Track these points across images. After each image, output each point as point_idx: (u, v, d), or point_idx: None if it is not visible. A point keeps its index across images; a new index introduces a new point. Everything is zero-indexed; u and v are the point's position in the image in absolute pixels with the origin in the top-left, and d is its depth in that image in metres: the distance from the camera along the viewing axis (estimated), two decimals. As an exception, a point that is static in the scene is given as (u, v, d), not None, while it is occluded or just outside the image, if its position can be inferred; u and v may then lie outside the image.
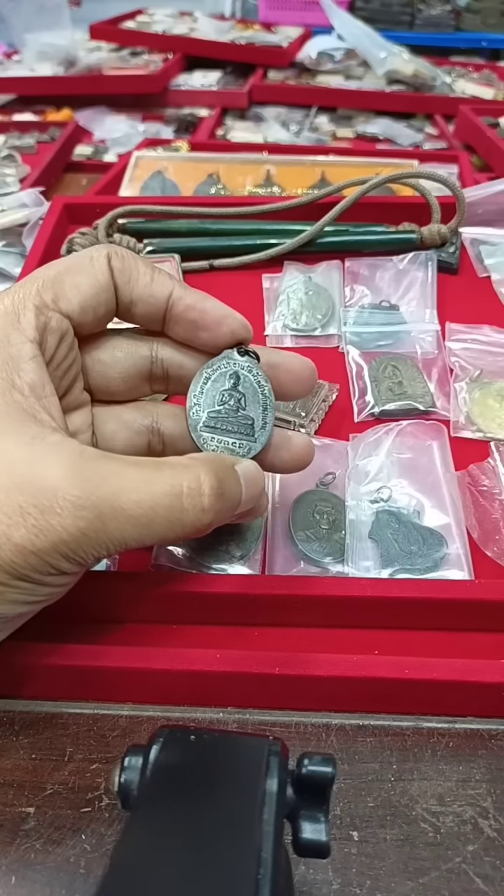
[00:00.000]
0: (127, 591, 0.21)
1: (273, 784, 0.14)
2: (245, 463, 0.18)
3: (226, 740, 0.15)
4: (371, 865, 0.16)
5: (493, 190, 0.40)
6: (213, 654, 0.19)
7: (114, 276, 0.18)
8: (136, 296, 0.18)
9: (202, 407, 0.19)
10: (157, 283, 0.18)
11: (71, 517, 0.14)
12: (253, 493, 0.18)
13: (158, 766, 0.14)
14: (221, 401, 0.19)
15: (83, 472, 0.15)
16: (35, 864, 0.16)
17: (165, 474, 0.16)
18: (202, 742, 0.15)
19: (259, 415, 0.19)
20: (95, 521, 0.15)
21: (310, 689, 0.19)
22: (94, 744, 0.19)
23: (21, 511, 0.14)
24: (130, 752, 0.15)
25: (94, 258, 0.18)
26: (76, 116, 0.71)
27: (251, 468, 0.18)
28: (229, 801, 0.13)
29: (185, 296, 0.19)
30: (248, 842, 0.13)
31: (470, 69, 0.88)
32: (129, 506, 0.15)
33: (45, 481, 0.15)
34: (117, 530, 0.15)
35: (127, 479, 0.15)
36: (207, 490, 0.16)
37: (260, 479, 0.18)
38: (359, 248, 0.37)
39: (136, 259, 0.19)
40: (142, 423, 0.20)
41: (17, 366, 0.16)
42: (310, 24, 1.00)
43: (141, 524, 0.15)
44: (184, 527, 0.16)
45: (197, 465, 0.16)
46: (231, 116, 0.75)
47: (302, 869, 0.16)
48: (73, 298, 0.18)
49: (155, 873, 0.12)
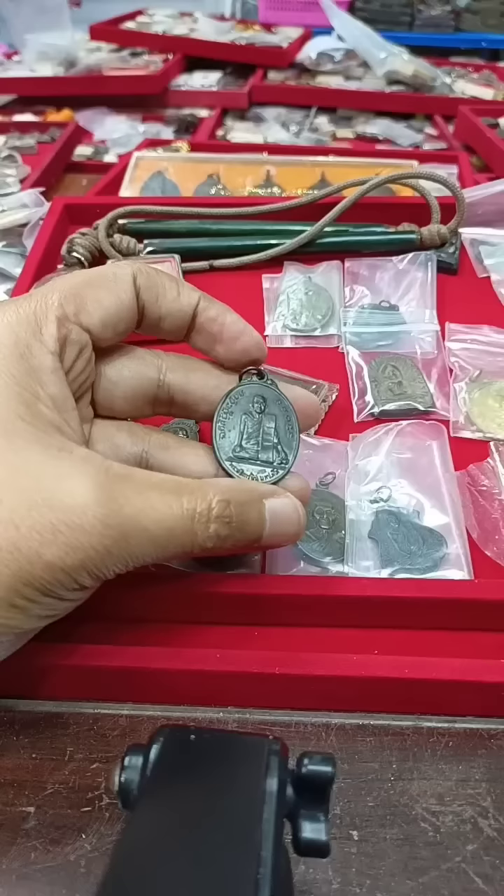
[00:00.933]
0: (127, 591, 0.21)
1: (273, 783, 0.14)
2: (280, 500, 0.18)
3: (226, 740, 0.15)
4: (371, 865, 0.16)
5: (493, 190, 0.40)
6: (214, 654, 0.19)
7: (140, 295, 0.18)
8: (166, 311, 0.19)
9: (228, 435, 0.19)
10: (183, 296, 0.19)
11: (98, 535, 0.15)
12: (282, 531, 0.18)
13: (158, 765, 0.14)
14: (248, 429, 0.19)
15: (110, 490, 0.15)
16: (35, 863, 0.16)
17: (184, 497, 0.16)
18: (202, 741, 0.15)
19: (287, 438, 0.19)
20: (120, 539, 0.15)
21: (310, 689, 0.19)
22: (94, 743, 0.19)
23: (52, 528, 0.15)
24: (131, 752, 0.15)
25: (119, 275, 0.18)
26: (76, 117, 0.71)
27: (283, 505, 0.18)
28: (229, 801, 0.13)
29: (209, 307, 0.19)
30: (248, 841, 0.13)
31: (470, 70, 0.88)
32: (151, 526, 0.16)
33: (75, 499, 0.15)
34: (138, 548, 0.16)
35: (150, 500, 0.16)
36: (214, 516, 0.16)
37: (294, 516, 0.18)
38: (359, 248, 0.37)
39: (160, 274, 0.19)
40: (131, 452, 0.20)
41: (40, 378, 0.16)
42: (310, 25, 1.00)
43: (159, 543, 0.16)
44: (193, 547, 0.16)
45: (213, 491, 0.17)
46: (231, 117, 0.75)
47: (302, 868, 0.16)
48: (95, 313, 0.18)
49: (155, 873, 0.12)
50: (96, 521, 0.15)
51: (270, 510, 0.17)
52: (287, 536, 0.18)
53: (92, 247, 0.37)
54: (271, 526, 0.17)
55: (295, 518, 0.18)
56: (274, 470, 0.19)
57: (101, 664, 0.19)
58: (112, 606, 0.21)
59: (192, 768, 0.14)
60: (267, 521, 0.17)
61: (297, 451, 0.19)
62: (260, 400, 0.19)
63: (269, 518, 0.17)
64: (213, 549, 0.17)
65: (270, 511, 0.17)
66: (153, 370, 0.19)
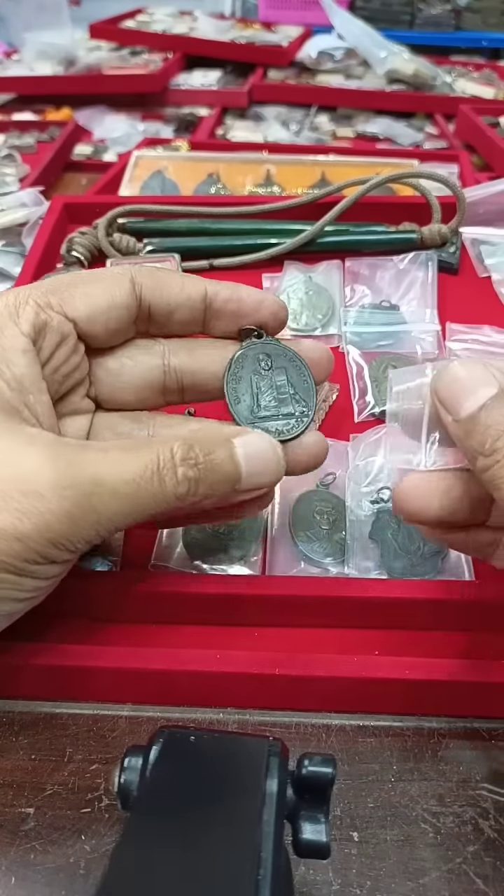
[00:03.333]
0: (127, 592, 0.21)
1: (273, 785, 0.14)
2: (248, 437, 0.17)
3: (226, 741, 0.15)
4: (371, 866, 0.16)
5: (494, 190, 0.40)
6: (213, 655, 0.19)
7: (143, 295, 0.18)
8: (174, 304, 0.18)
9: (242, 399, 0.19)
10: (188, 286, 0.19)
11: (56, 497, 0.14)
12: (258, 469, 0.17)
13: (158, 766, 0.14)
14: (259, 386, 0.19)
15: (64, 455, 0.15)
16: (35, 864, 0.16)
17: (146, 449, 0.16)
18: (202, 743, 0.15)
19: (304, 387, 0.19)
20: (81, 499, 0.14)
21: (310, 690, 0.19)
22: (93, 744, 0.19)
23: (2, 495, 0.14)
24: (130, 753, 0.15)
25: (114, 273, 0.18)
26: (76, 116, 0.70)
27: (257, 442, 0.17)
28: (229, 802, 0.13)
29: (220, 290, 0.19)
30: (248, 842, 0.12)
31: (470, 68, 0.88)
32: (113, 481, 0.15)
33: (26, 466, 0.14)
34: (104, 507, 0.15)
35: (110, 457, 0.15)
36: (178, 460, 0.16)
37: (269, 453, 0.17)
38: (359, 247, 0.37)
39: (162, 271, 0.19)
40: (137, 437, 0.19)
41: (7, 357, 0.16)
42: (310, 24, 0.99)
43: (127, 499, 0.15)
44: (167, 498, 0.16)
45: (175, 438, 0.16)
46: (231, 116, 0.75)
47: (302, 870, 0.16)
48: (81, 305, 0.17)
49: (155, 874, 0.12)
50: (51, 483, 0.14)
51: (242, 449, 0.17)
52: (268, 475, 0.17)
53: (91, 246, 0.37)
54: (247, 465, 0.16)
55: (271, 454, 0.17)
56: (298, 420, 0.18)
57: (100, 665, 0.19)
58: (112, 607, 0.21)
59: (192, 769, 0.14)
60: (241, 461, 0.16)
61: (316, 399, 0.19)
62: (265, 357, 0.19)
63: (242, 457, 0.16)
64: (190, 498, 0.16)
65: (242, 449, 0.17)
66: (156, 356, 0.19)
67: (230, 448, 0.17)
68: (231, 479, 0.16)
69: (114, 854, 0.13)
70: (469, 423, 0.14)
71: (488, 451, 0.14)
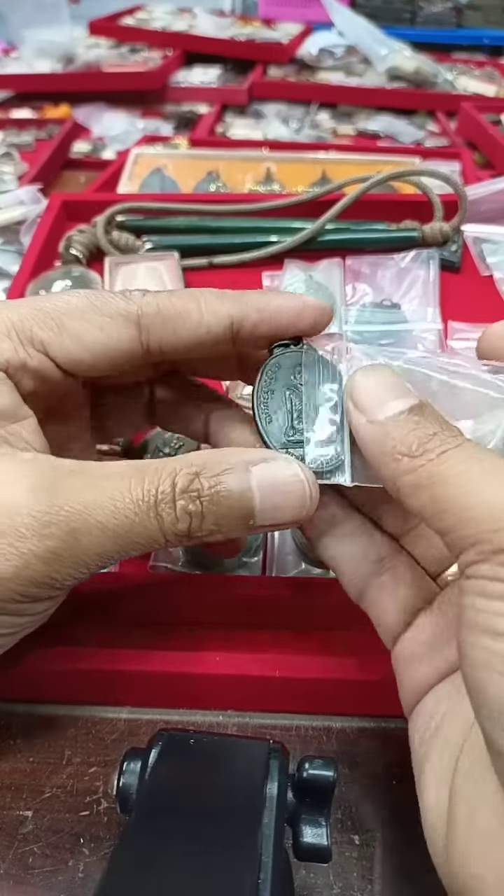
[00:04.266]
0: (126, 593, 0.20)
1: (273, 788, 0.14)
2: (272, 465, 0.14)
3: (226, 744, 0.15)
4: (373, 870, 0.16)
5: (496, 188, 0.39)
6: (213, 657, 0.19)
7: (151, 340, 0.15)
8: (191, 341, 0.15)
9: (275, 418, 0.15)
10: (207, 318, 0.15)
11: (37, 537, 0.13)
12: (281, 503, 0.14)
13: (158, 769, 0.14)
14: (296, 406, 0.15)
15: (53, 485, 0.13)
16: (33, 868, 0.16)
17: (145, 478, 0.13)
18: (202, 745, 0.14)
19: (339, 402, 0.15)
20: (67, 538, 0.13)
21: (311, 692, 0.19)
22: (92, 747, 0.19)
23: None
24: (129, 756, 0.14)
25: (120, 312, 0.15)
26: (74, 113, 0.70)
27: (278, 471, 0.14)
28: (229, 805, 0.13)
29: (248, 313, 0.15)
30: (249, 846, 0.12)
31: (472, 66, 0.87)
32: (104, 519, 0.13)
33: (7, 499, 0.13)
34: (94, 545, 0.13)
35: (103, 489, 0.13)
36: (179, 492, 0.13)
37: (295, 484, 0.14)
38: (360, 245, 0.37)
39: (173, 298, 0.15)
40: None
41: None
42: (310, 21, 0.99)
43: (118, 537, 0.13)
44: (165, 535, 0.13)
45: (180, 464, 0.14)
46: (231, 113, 0.74)
47: (303, 873, 0.16)
48: (71, 347, 0.15)
49: (155, 877, 0.12)
50: (32, 520, 0.13)
51: (259, 479, 0.14)
52: (291, 511, 0.14)
53: (90, 244, 0.36)
54: (264, 498, 0.14)
55: (297, 486, 0.14)
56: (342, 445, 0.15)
57: (98, 667, 0.19)
58: (110, 609, 0.21)
59: (192, 773, 0.14)
60: (255, 493, 0.13)
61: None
62: (302, 368, 0.16)
63: (257, 489, 0.13)
64: (191, 534, 0.14)
65: (259, 480, 0.14)
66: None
67: (245, 478, 0.14)
68: (242, 515, 0.14)
69: (113, 857, 0.13)
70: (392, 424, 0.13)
71: (417, 451, 0.12)
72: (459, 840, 0.11)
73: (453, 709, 0.13)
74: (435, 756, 0.13)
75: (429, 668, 0.14)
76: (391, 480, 0.13)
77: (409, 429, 0.13)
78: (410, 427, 0.13)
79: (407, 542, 0.16)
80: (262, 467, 0.14)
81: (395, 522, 0.16)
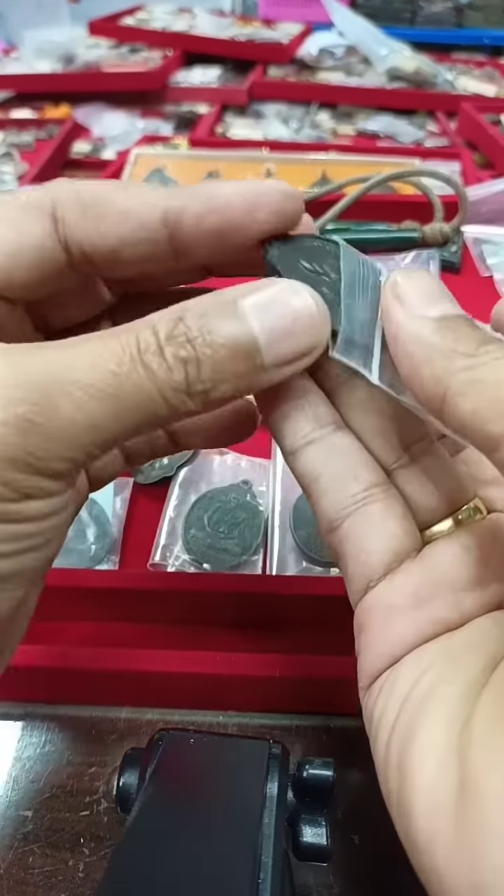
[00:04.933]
0: (126, 593, 0.20)
1: (273, 788, 0.14)
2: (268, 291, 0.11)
3: (226, 744, 0.15)
4: (373, 869, 0.16)
5: (497, 188, 0.39)
6: (213, 657, 0.19)
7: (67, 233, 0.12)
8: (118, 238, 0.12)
9: None
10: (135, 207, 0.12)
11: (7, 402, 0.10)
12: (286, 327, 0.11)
13: (158, 769, 0.14)
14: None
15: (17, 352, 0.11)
16: (33, 868, 0.16)
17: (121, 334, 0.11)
18: (202, 745, 0.14)
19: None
20: (41, 401, 0.10)
21: (311, 692, 0.19)
22: (92, 747, 0.19)
23: None
24: (129, 756, 0.14)
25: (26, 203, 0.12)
26: (74, 113, 0.70)
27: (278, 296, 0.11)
28: (229, 805, 0.13)
29: (186, 205, 0.12)
30: (249, 846, 0.12)
31: (472, 66, 0.87)
32: (81, 373, 0.10)
33: None
34: (75, 409, 0.10)
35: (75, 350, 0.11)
36: (164, 338, 0.11)
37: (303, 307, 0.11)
38: (360, 246, 0.37)
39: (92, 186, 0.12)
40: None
41: None
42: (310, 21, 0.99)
43: (106, 398, 0.11)
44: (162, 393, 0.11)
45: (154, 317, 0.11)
46: (231, 113, 0.74)
47: (303, 873, 0.16)
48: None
49: (155, 877, 0.12)
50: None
51: (254, 306, 0.11)
52: (305, 335, 0.11)
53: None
54: (266, 327, 0.11)
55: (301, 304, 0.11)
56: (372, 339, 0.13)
57: (98, 666, 0.19)
58: (110, 608, 0.21)
59: (192, 772, 0.14)
60: (253, 323, 0.11)
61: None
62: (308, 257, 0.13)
63: (254, 318, 0.11)
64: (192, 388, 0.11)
65: (254, 307, 0.11)
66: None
67: (235, 309, 0.11)
68: (245, 353, 0.11)
69: (113, 857, 0.13)
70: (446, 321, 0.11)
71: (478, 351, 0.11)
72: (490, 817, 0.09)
73: (448, 676, 0.11)
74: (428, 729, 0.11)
75: (409, 626, 0.12)
76: (435, 381, 0.11)
77: (466, 330, 0.11)
78: (468, 328, 0.11)
79: (397, 479, 0.14)
80: (255, 295, 0.11)
81: (388, 451, 0.13)
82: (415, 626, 0.12)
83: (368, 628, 0.13)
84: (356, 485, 0.13)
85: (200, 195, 0.12)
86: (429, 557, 0.13)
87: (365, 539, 0.13)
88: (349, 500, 0.13)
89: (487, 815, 0.09)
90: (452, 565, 0.12)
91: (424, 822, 0.10)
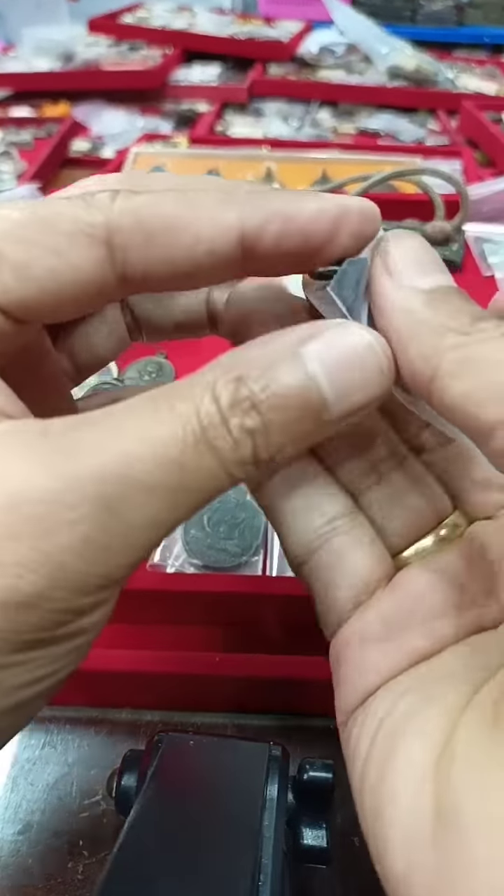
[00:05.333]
0: (126, 593, 0.20)
1: (273, 790, 0.14)
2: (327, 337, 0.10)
3: (225, 745, 0.15)
4: (374, 872, 0.16)
5: (498, 187, 0.39)
6: (213, 657, 0.19)
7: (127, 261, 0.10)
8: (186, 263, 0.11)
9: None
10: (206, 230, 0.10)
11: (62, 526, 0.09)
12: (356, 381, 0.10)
13: (157, 771, 0.14)
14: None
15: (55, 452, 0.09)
16: (32, 870, 0.16)
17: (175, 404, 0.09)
18: (202, 747, 0.14)
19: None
20: (102, 514, 0.09)
21: (312, 693, 0.19)
22: (91, 749, 0.19)
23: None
24: (129, 757, 0.14)
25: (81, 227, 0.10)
26: (73, 111, 0.70)
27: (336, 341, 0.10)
28: (229, 807, 0.13)
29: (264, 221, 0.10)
30: (248, 848, 0.12)
31: (473, 64, 0.87)
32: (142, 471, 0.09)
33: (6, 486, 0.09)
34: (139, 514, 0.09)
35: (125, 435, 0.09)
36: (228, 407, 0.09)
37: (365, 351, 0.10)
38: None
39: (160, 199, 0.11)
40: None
41: None
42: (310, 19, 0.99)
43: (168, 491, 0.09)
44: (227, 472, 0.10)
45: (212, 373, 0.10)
46: (231, 111, 0.74)
47: (303, 875, 0.16)
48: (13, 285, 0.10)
49: (154, 880, 0.12)
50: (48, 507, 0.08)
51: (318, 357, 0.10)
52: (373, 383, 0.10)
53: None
54: (333, 380, 0.10)
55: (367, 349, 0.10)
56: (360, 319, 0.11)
57: (98, 668, 0.19)
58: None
59: (192, 774, 0.14)
60: (321, 377, 0.10)
61: None
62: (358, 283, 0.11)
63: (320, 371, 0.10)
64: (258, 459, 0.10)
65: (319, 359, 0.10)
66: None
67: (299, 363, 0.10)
68: (313, 411, 0.10)
69: (112, 859, 0.13)
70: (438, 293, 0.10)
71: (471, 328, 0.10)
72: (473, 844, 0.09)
73: (424, 704, 0.11)
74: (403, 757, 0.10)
75: (382, 659, 0.12)
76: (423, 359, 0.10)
77: (460, 304, 0.10)
78: (461, 302, 0.10)
79: (365, 502, 0.13)
80: (316, 343, 0.10)
81: (355, 472, 0.13)
82: (388, 659, 0.12)
83: (343, 663, 0.12)
84: (319, 518, 0.12)
85: (278, 212, 0.11)
86: (401, 586, 0.12)
87: (331, 575, 0.12)
88: (313, 535, 0.12)
89: (470, 842, 0.09)
90: (425, 592, 0.12)
91: (401, 854, 0.10)
